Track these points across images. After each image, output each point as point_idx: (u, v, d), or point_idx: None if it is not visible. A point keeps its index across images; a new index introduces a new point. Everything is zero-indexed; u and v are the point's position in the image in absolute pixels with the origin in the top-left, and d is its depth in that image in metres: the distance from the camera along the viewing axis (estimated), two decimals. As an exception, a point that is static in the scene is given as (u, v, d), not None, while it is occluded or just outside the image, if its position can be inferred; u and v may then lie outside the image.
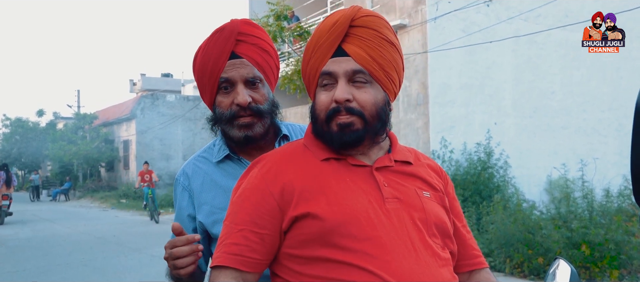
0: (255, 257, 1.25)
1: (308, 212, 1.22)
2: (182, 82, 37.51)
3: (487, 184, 10.10)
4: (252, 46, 1.62)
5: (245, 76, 1.59)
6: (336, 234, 1.19)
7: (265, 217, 1.26)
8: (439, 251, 1.26)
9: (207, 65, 1.59)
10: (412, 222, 1.25)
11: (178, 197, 1.70)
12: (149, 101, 27.11)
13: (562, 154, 11.66)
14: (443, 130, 10.92)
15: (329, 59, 1.30)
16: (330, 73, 1.29)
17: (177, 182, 1.71)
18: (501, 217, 7.85)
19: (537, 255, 7.11)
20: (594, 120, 12.72)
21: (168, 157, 26.98)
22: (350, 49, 1.29)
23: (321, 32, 1.32)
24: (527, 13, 11.34)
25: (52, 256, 9.89)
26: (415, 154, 1.44)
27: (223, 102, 1.61)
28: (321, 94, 1.31)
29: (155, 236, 12.47)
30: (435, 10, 10.78)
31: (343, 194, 1.24)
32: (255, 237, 1.25)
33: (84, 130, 30.98)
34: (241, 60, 1.59)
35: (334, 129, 1.28)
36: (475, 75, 11.44)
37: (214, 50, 1.59)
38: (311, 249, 1.22)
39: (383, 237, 1.20)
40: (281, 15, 12.16)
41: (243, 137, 1.60)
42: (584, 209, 7.91)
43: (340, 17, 1.31)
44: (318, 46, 1.32)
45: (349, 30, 1.30)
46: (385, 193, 1.26)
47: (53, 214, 19.72)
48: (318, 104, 1.32)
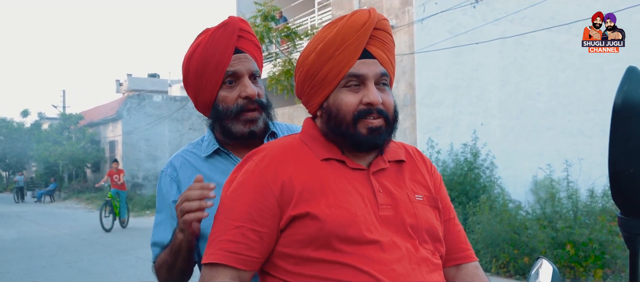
0: (253, 255, 1.23)
1: (307, 213, 1.21)
2: (168, 83, 37.37)
3: (473, 184, 10.16)
4: (250, 42, 1.65)
5: (251, 70, 1.61)
6: (334, 237, 1.19)
7: (265, 215, 1.23)
8: (430, 257, 1.27)
9: (211, 60, 1.58)
10: (405, 229, 1.25)
11: (164, 188, 1.67)
12: (136, 102, 26.95)
13: (548, 155, 11.76)
14: (430, 131, 10.97)
15: (357, 60, 1.28)
16: (360, 75, 1.28)
17: (163, 174, 1.68)
18: (487, 218, 7.90)
19: (523, 255, 7.17)
20: (579, 122, 12.85)
21: (155, 157, 26.84)
22: (376, 52, 1.30)
23: (348, 32, 1.28)
24: (513, 15, 11.43)
25: (37, 257, 9.79)
26: (405, 149, 1.44)
27: (228, 97, 1.60)
28: (346, 94, 1.28)
29: (141, 237, 12.40)
30: (422, 11, 10.83)
31: (342, 196, 1.23)
32: (254, 235, 1.23)
33: (70, 131, 30.72)
34: (245, 54, 1.62)
35: (363, 131, 1.26)
36: (462, 77, 11.50)
37: (218, 44, 1.58)
38: (307, 250, 1.20)
39: (380, 241, 1.20)
40: (269, 15, 12.15)
41: (248, 133, 1.60)
42: (569, 209, 7.98)
43: (369, 19, 1.30)
44: (345, 46, 1.28)
45: (372, 32, 1.30)
46: (380, 200, 1.26)
47: (38, 216, 19.53)
48: (344, 105, 1.28)
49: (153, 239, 1.67)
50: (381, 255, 1.19)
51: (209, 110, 1.65)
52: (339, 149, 1.32)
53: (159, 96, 28.27)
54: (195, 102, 1.68)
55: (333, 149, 1.31)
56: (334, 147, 1.32)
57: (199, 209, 1.34)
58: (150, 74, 42.95)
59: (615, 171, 0.97)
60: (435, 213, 1.36)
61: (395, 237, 1.23)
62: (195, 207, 1.33)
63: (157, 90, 36.12)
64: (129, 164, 26.24)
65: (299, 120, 12.65)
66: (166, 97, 28.82)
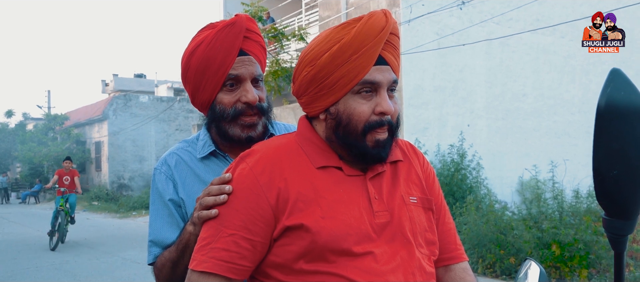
0: (245, 264, 1.19)
1: (301, 224, 1.17)
2: (155, 83, 37.09)
3: (460, 185, 10.21)
4: (256, 43, 1.58)
5: (253, 74, 1.55)
6: (328, 249, 1.16)
7: (259, 224, 1.19)
8: (425, 264, 1.25)
9: (213, 61, 1.52)
10: (400, 235, 1.23)
11: (160, 186, 1.60)
12: (122, 102, 26.78)
13: (533, 156, 11.86)
14: (417, 132, 11.01)
15: (372, 66, 1.22)
16: (374, 82, 1.22)
17: (157, 172, 1.62)
18: (474, 218, 7.95)
19: (509, 255, 7.21)
20: (564, 123, 12.97)
21: (141, 158, 26.69)
22: (389, 58, 1.24)
23: (366, 37, 1.21)
24: (499, 16, 11.51)
25: (21, 259, 9.70)
26: (400, 145, 1.40)
27: (225, 99, 1.55)
28: (360, 103, 1.22)
29: (127, 239, 12.32)
30: (409, 12, 10.87)
31: (337, 206, 1.20)
32: (247, 243, 1.19)
33: (55, 132, 30.46)
34: (249, 57, 1.55)
35: (370, 144, 1.22)
36: (448, 78, 11.56)
37: (223, 45, 1.52)
38: (301, 262, 1.17)
39: (374, 252, 1.18)
40: (256, 16, 12.15)
41: (245, 138, 1.55)
42: (555, 210, 8.04)
43: (386, 23, 1.23)
44: (362, 51, 1.21)
45: (388, 37, 1.24)
46: (375, 206, 1.23)
47: (22, 217, 19.34)
48: (356, 113, 1.22)
49: (151, 237, 1.59)
50: (375, 266, 1.17)
51: (206, 110, 1.61)
52: (337, 154, 1.27)
53: (146, 97, 28.11)
54: (192, 99, 1.63)
55: (330, 155, 1.27)
56: (332, 153, 1.27)
57: (215, 204, 1.27)
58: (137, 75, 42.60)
59: (600, 172, 0.98)
60: (429, 215, 1.33)
61: (390, 246, 1.21)
62: (212, 202, 1.26)
63: (143, 91, 35.83)
64: (115, 165, 26.07)
65: (285, 122, 12.63)
66: (152, 97, 28.65)
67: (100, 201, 23.21)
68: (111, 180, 25.91)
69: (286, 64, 13.39)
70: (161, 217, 1.58)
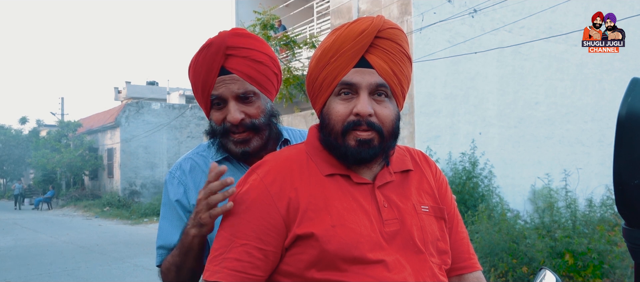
0: (258, 274, 1.20)
1: (312, 233, 1.17)
2: (167, 91, 37.32)
3: (471, 193, 10.16)
4: (242, 59, 1.55)
5: (236, 92, 1.54)
6: (339, 258, 1.16)
7: (271, 233, 1.20)
8: (437, 272, 1.25)
9: (197, 83, 1.56)
10: (411, 244, 1.23)
11: (171, 189, 1.62)
12: (134, 109, 26.94)
13: (546, 164, 11.78)
14: (428, 140, 10.98)
15: (351, 68, 1.23)
16: (352, 84, 1.23)
17: (171, 176, 1.64)
18: (486, 227, 7.90)
19: (521, 264, 7.16)
20: (577, 131, 12.87)
21: (153, 165, 26.81)
22: (374, 61, 1.24)
23: (345, 39, 1.24)
24: (511, 24, 11.47)
25: (34, 265, 9.76)
26: (411, 154, 1.40)
27: (215, 117, 1.58)
28: (338, 104, 1.24)
29: (138, 245, 12.37)
30: (421, 20, 10.86)
31: (347, 214, 1.20)
32: (260, 253, 1.19)
33: (68, 138, 30.68)
34: (231, 76, 1.53)
35: (351, 143, 1.22)
36: (460, 86, 11.53)
37: (203, 67, 1.54)
38: (312, 270, 1.18)
39: (386, 260, 1.18)
40: (268, 24, 12.20)
41: (240, 153, 1.57)
42: (568, 219, 7.97)
43: (368, 26, 1.24)
44: (340, 53, 1.24)
45: (374, 41, 1.25)
46: (385, 215, 1.23)
47: (35, 223, 19.47)
48: (334, 114, 1.25)
49: (159, 242, 1.61)
50: (386, 275, 1.17)
51: None
52: (343, 162, 1.27)
53: (158, 104, 28.25)
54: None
55: (337, 163, 1.27)
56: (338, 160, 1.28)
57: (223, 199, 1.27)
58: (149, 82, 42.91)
59: (621, 182, 0.97)
60: (441, 224, 1.33)
61: (401, 255, 1.20)
62: (221, 198, 1.26)
63: (155, 98, 36.06)
64: (127, 172, 26.20)
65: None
66: (165, 105, 28.81)
67: (112, 207, 23.33)
68: (123, 186, 26.03)
69: (297, 71, 13.43)
70: (170, 220, 1.60)
